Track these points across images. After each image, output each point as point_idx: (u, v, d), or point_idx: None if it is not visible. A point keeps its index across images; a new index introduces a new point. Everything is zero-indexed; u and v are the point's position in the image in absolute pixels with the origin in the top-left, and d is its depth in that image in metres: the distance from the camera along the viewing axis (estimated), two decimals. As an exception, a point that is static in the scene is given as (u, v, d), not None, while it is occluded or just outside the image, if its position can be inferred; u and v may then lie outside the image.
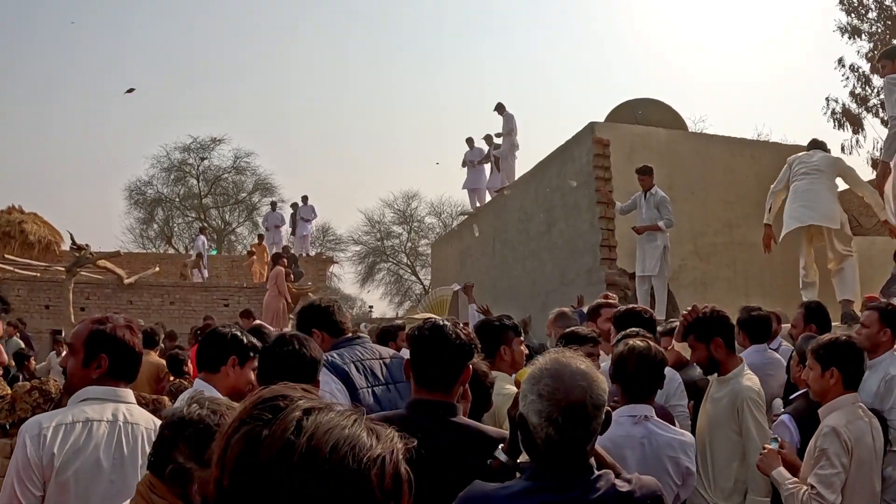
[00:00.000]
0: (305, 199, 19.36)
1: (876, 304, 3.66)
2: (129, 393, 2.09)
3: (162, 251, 28.74)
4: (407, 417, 1.94)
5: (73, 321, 10.66)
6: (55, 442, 1.89)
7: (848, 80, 18.69)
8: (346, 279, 32.20)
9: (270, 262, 13.91)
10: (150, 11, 48.09)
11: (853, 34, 18.47)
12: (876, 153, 18.01)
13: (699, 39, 52.15)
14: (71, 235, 12.56)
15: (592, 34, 53.83)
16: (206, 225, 27.73)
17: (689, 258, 9.50)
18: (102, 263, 13.71)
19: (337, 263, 28.20)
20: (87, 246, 12.62)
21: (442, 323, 2.04)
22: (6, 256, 14.58)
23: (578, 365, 1.60)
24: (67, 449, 1.90)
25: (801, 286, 6.36)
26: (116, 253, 15.27)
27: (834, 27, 18.71)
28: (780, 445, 2.64)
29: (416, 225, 31.77)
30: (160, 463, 1.56)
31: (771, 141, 14.88)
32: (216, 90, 49.36)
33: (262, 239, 17.87)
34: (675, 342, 3.58)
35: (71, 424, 1.94)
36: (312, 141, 50.68)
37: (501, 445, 1.88)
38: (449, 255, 16.58)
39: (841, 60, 18.79)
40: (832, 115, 18.70)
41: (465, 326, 2.10)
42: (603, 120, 10.66)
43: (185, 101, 48.99)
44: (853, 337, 2.66)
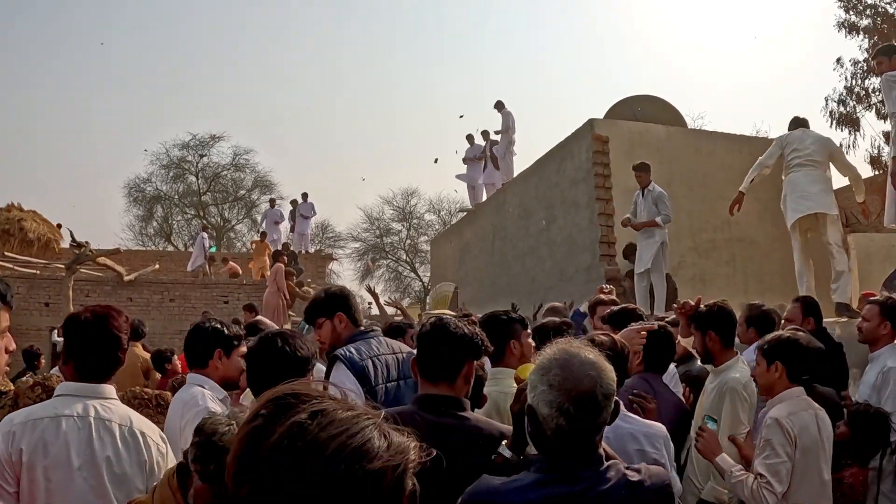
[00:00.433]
0: (305, 195, 19.40)
1: (877, 298, 3.71)
2: (105, 388, 2.03)
3: (161, 248, 28.73)
4: (413, 413, 1.94)
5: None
6: (23, 438, 1.88)
7: (846, 79, 18.69)
8: (344, 276, 32.24)
9: (271, 259, 13.91)
10: (149, 8, 48.05)
11: (851, 31, 18.46)
12: (874, 151, 18.04)
13: (699, 39, 52.14)
14: (70, 233, 12.56)
15: (592, 34, 53.82)
16: (206, 223, 27.71)
17: (687, 254, 9.52)
18: (102, 261, 13.72)
19: (336, 260, 28.23)
20: (86, 243, 12.62)
21: (445, 318, 2.05)
22: (6, 254, 14.56)
23: (587, 355, 1.59)
24: (35, 445, 1.88)
25: (798, 280, 6.40)
26: (116, 250, 15.28)
27: (833, 24, 18.71)
28: (721, 426, 2.70)
29: (415, 222, 31.84)
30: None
31: (770, 138, 14.87)
32: (215, 87, 49.31)
33: (264, 237, 17.82)
34: (679, 337, 3.62)
35: (39, 420, 1.91)
36: (311, 138, 50.70)
37: (505, 441, 1.88)
38: (448, 251, 16.58)
39: (839, 60, 18.80)
40: (830, 114, 18.71)
41: (470, 322, 2.09)
42: (602, 117, 10.67)
43: (184, 98, 48.95)
44: (797, 334, 2.77)
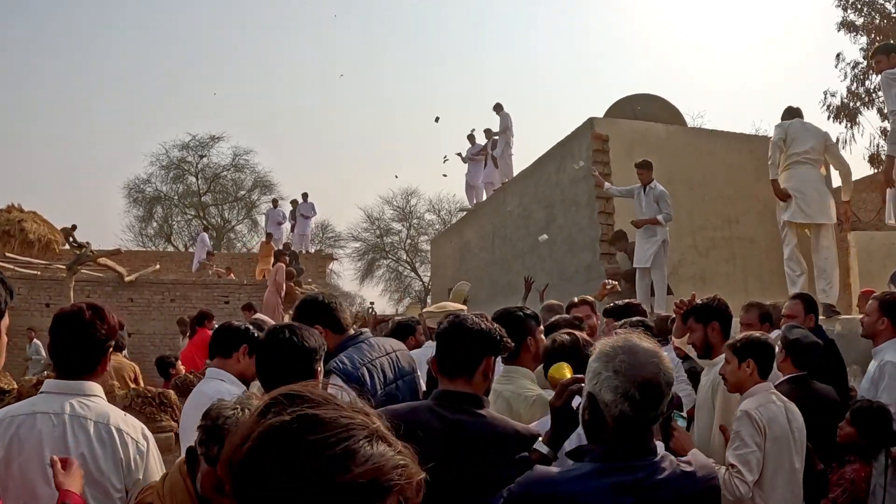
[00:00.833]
0: (305, 196, 19.44)
1: (877, 294, 3.75)
2: (87, 385, 1.97)
3: (161, 249, 28.76)
4: (430, 409, 1.94)
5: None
6: (1, 435, 1.87)
7: (846, 76, 18.71)
8: (345, 276, 32.26)
9: (272, 259, 13.95)
10: (148, 8, 48.05)
11: (850, 29, 18.48)
12: (873, 149, 18.06)
13: (699, 39, 52.17)
14: (73, 233, 12.57)
15: (592, 33, 53.81)
16: (206, 223, 27.73)
17: (688, 253, 9.53)
18: (103, 261, 13.73)
19: (336, 260, 28.26)
20: (87, 244, 12.64)
21: (462, 314, 2.07)
22: (6, 255, 14.55)
23: (647, 344, 1.61)
24: (10, 441, 1.86)
25: (790, 278, 6.38)
26: (117, 251, 15.29)
27: (833, 24, 18.74)
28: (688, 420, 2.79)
29: (415, 222, 31.87)
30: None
31: (769, 137, 14.89)
32: (215, 88, 49.32)
33: (270, 237, 17.82)
34: (673, 338, 3.60)
35: (16, 417, 1.90)
36: (311, 138, 50.70)
37: (541, 438, 1.87)
38: (448, 251, 16.60)
39: (839, 56, 18.81)
40: (828, 109, 18.72)
41: (485, 319, 2.08)
42: (602, 116, 10.69)
43: (183, 98, 48.97)
44: (765, 334, 2.93)
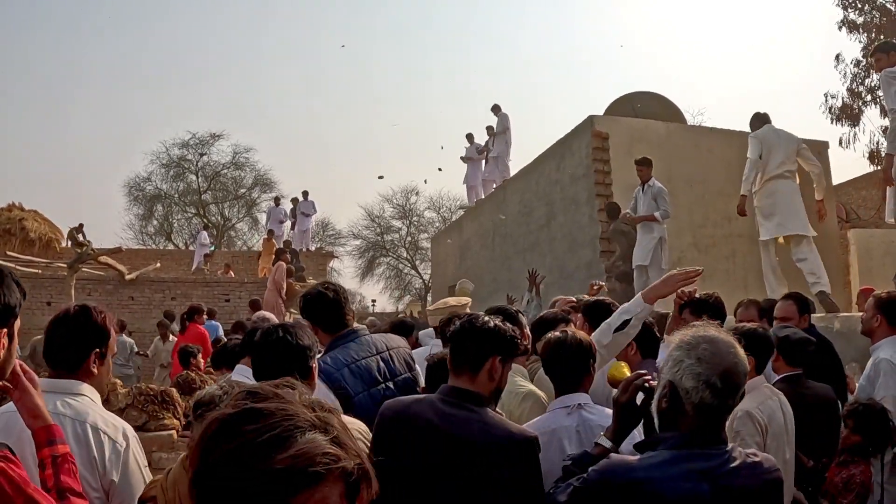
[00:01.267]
0: (306, 194, 19.46)
1: (876, 292, 3.78)
2: (75, 385, 1.96)
3: (162, 247, 28.77)
4: (431, 401, 1.99)
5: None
6: None
7: (846, 75, 18.71)
8: (345, 273, 32.28)
9: (273, 257, 13.99)
10: (148, 8, 48.02)
11: (851, 28, 18.47)
12: (872, 146, 18.07)
13: (699, 37, 52.19)
14: (72, 232, 12.60)
15: (592, 31, 53.80)
16: (206, 221, 27.73)
17: (688, 250, 9.55)
18: (104, 259, 13.76)
19: (337, 258, 28.28)
20: (88, 242, 12.68)
21: (475, 314, 2.10)
22: (7, 253, 14.61)
23: (725, 336, 1.63)
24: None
25: (770, 286, 6.69)
26: (118, 249, 15.31)
27: (833, 23, 18.74)
28: None
29: (415, 219, 31.88)
30: None
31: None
32: (215, 86, 49.32)
33: (271, 234, 17.98)
34: (667, 336, 3.62)
35: (2, 415, 1.88)
36: (311, 136, 50.69)
37: (603, 432, 1.88)
38: (449, 249, 16.62)
39: (839, 56, 18.81)
40: (830, 110, 18.71)
41: (500, 319, 2.09)
42: (602, 113, 10.70)
43: (183, 97, 48.97)
44: (763, 327, 2.96)
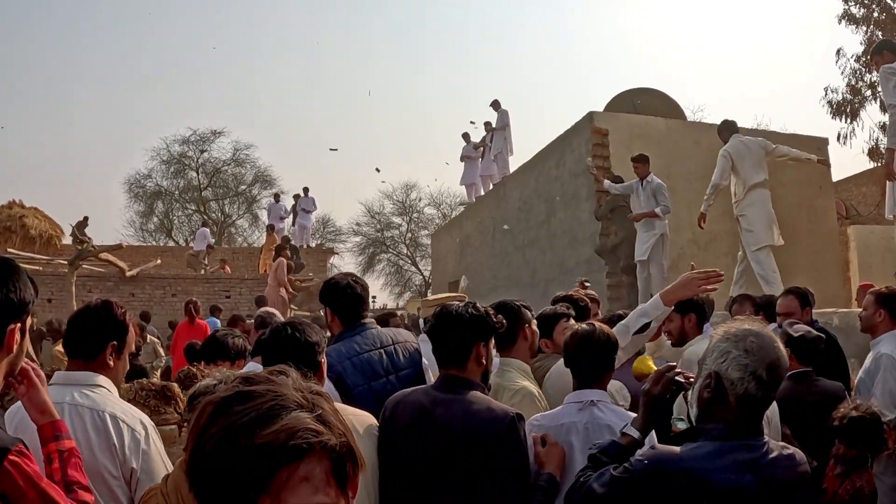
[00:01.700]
0: (306, 190, 19.50)
1: (874, 288, 3.79)
2: (91, 376, 2.00)
3: (162, 244, 28.79)
4: (426, 389, 2.13)
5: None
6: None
7: (843, 71, 18.69)
8: (346, 270, 32.24)
9: (273, 253, 14.01)
10: (149, 5, 47.95)
11: (851, 22, 18.45)
12: (872, 143, 18.05)
13: (700, 33, 52.11)
14: (73, 229, 12.61)
15: (592, 28, 53.72)
16: (207, 218, 27.72)
17: (687, 247, 9.57)
18: (104, 256, 13.76)
19: (337, 254, 28.30)
20: (88, 239, 12.69)
21: (450, 305, 2.14)
22: (8, 251, 14.61)
23: (769, 330, 1.67)
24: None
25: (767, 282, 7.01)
26: (118, 246, 15.33)
27: (833, 17, 18.71)
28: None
29: (415, 216, 31.91)
30: None
31: (770, 130, 14.90)
32: (216, 83, 49.27)
33: (272, 230, 18.00)
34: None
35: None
36: (312, 132, 50.66)
37: (631, 422, 1.92)
38: (449, 245, 16.64)
39: (839, 51, 18.79)
40: (829, 104, 18.70)
41: (473, 306, 2.14)
42: (602, 110, 10.70)
43: (184, 93, 48.93)
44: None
